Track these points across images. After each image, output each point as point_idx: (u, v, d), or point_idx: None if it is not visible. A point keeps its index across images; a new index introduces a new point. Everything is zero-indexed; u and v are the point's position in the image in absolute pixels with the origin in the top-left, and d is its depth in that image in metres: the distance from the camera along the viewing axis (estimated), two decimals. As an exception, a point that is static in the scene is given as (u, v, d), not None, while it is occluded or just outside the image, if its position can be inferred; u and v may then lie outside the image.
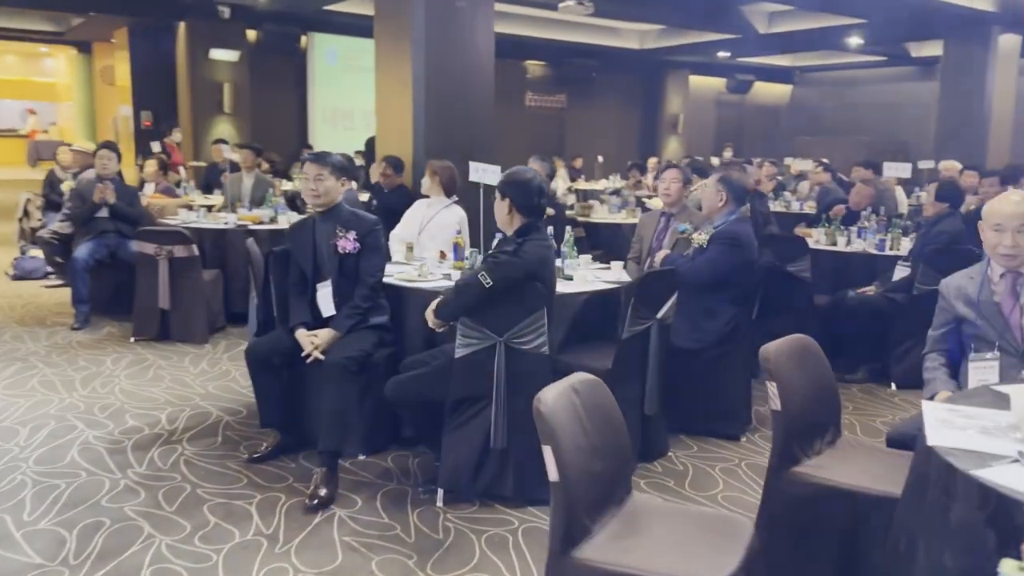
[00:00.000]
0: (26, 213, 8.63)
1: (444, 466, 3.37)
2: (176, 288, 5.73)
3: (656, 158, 14.45)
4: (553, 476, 2.00)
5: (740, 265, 4.14)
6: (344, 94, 14.25)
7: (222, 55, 12.36)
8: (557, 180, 10.14)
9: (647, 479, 3.70)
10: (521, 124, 15.81)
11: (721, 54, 15.72)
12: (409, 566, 2.90)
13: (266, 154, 8.81)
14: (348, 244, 3.71)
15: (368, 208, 6.34)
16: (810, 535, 2.47)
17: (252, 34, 13.25)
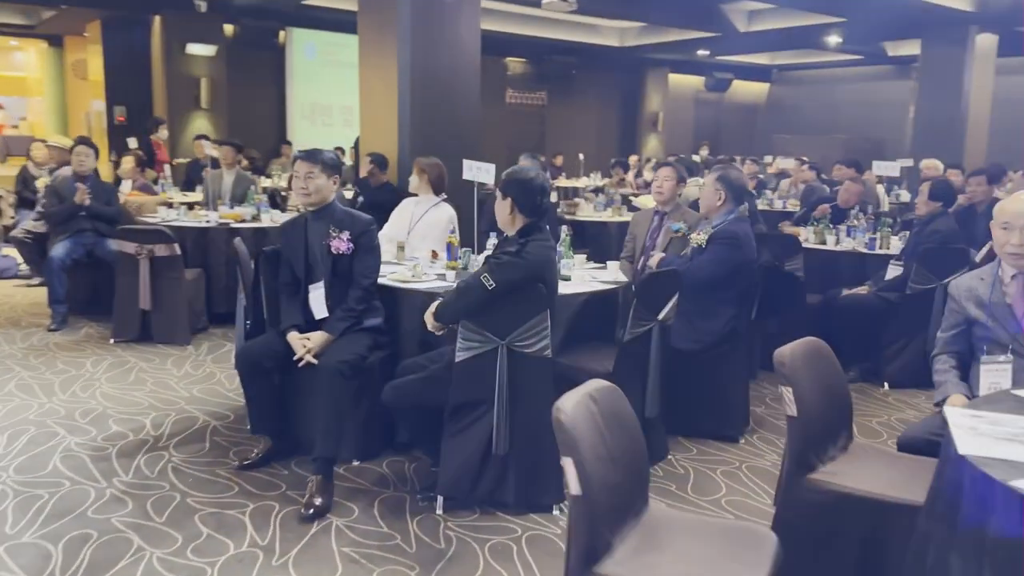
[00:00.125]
0: (-3, 210, 8.43)
1: (444, 472, 3.28)
2: (157, 288, 5.58)
3: (637, 156, 14.45)
4: (575, 490, 1.91)
5: (740, 265, 4.08)
6: (323, 90, 14.11)
7: (199, 49, 12.16)
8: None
9: (649, 484, 3.62)
10: (502, 121, 15.72)
11: (701, 52, 15.74)
12: (412, 578, 2.81)
13: (246, 151, 8.64)
14: (342, 244, 3.60)
15: (354, 204, 6.23)
16: (830, 544, 2.40)
17: (229, 28, 13.04)
